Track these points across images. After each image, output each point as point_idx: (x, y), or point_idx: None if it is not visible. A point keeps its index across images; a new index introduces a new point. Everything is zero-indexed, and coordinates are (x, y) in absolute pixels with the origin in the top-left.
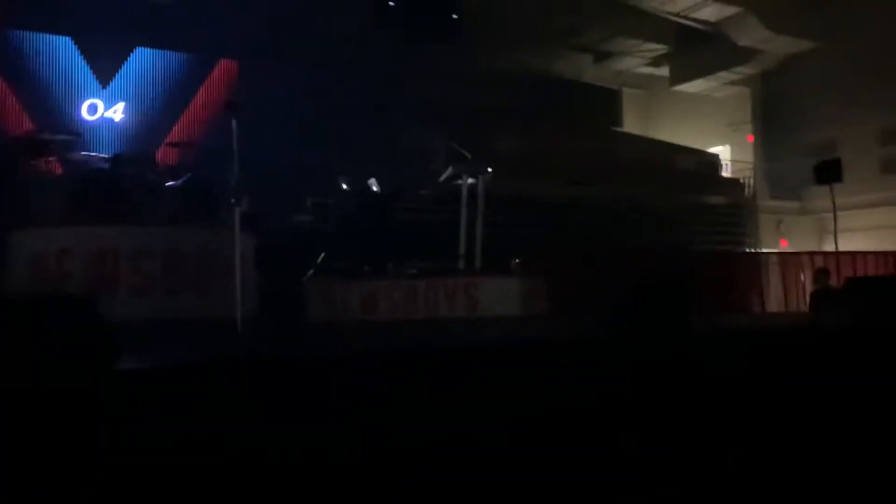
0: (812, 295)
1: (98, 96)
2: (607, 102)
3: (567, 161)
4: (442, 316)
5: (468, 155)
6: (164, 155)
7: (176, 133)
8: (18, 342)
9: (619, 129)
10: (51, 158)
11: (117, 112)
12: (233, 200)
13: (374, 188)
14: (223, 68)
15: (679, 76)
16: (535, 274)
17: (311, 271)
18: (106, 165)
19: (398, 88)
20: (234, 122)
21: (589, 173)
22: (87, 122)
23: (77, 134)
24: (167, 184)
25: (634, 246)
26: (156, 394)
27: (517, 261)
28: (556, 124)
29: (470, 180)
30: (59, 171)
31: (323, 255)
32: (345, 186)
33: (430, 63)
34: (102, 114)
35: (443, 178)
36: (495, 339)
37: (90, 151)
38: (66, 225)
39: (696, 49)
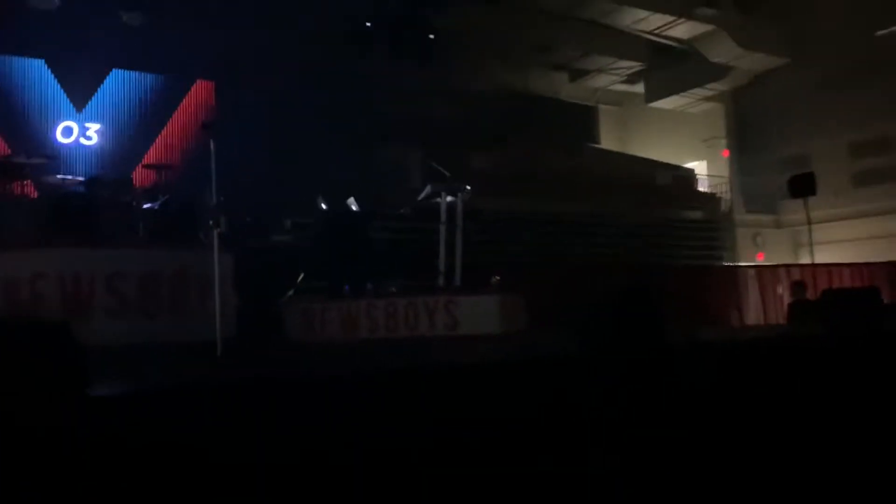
0: (789, 307)
1: (73, 119)
2: (583, 119)
3: (545, 177)
4: (423, 334)
5: (446, 173)
6: (140, 177)
7: (152, 155)
8: None
9: (595, 146)
10: (25, 182)
11: (93, 135)
12: (211, 222)
13: (354, 207)
14: (200, 89)
15: (654, 93)
16: (514, 290)
17: (290, 292)
18: (81, 188)
19: (376, 108)
20: (211, 143)
21: (566, 189)
22: (62, 144)
23: (52, 157)
24: (144, 206)
25: (613, 261)
26: (134, 420)
27: (496, 277)
28: (534, 141)
29: (448, 198)
30: (33, 194)
31: (302, 275)
32: (323, 206)
33: (408, 82)
34: (77, 137)
35: (422, 196)
36: (475, 357)
37: (65, 174)
38: (40, 248)
39: (670, 66)
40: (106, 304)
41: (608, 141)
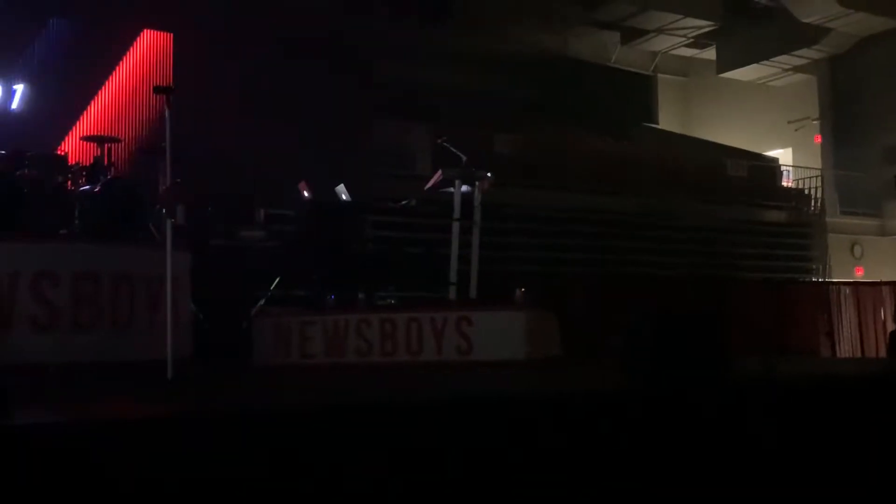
0: (891, 336)
1: None
2: (638, 91)
3: (587, 165)
4: (427, 360)
5: (462, 156)
6: (76, 152)
7: (92, 125)
8: None
9: (652, 126)
10: None
11: (16, 99)
12: (164, 210)
13: (344, 197)
14: (154, 42)
15: (728, 60)
16: (544, 306)
17: (261, 301)
18: (3, 165)
19: (375, 75)
20: (166, 112)
21: (614, 180)
22: None
23: None
24: (80, 189)
25: (670, 272)
26: (59, 457)
27: (522, 289)
28: (574, 119)
29: (464, 188)
30: None
31: (277, 280)
32: (306, 194)
33: (415, 44)
34: None
35: (430, 185)
36: (493, 390)
37: None
38: None
39: (750, 27)
40: (29, 312)
41: (668, 120)
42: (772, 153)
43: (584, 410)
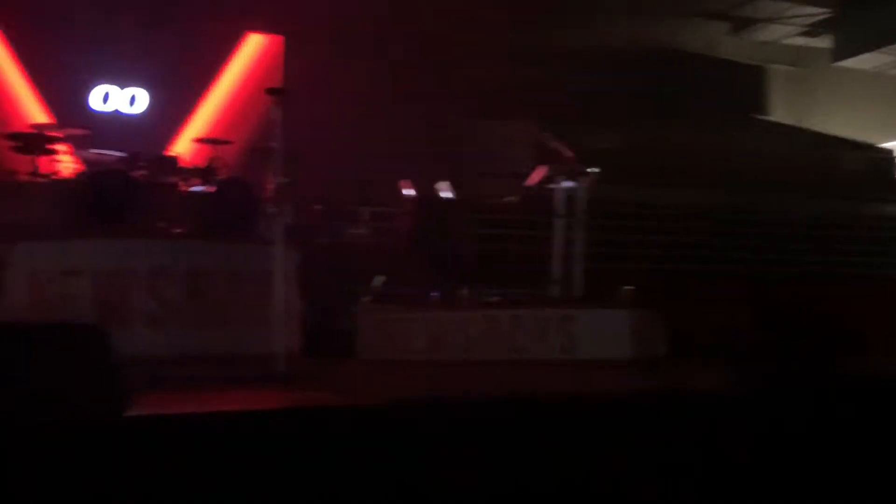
0: None
1: (110, 81)
2: (748, 83)
3: (694, 160)
4: (531, 357)
5: (566, 152)
6: (189, 154)
7: (203, 127)
8: (16, 374)
9: (763, 118)
10: (57, 158)
11: (132, 101)
12: (274, 210)
13: (446, 194)
14: (267, 46)
15: (845, 48)
16: (650, 305)
17: (366, 298)
18: (121, 166)
19: (475, 73)
20: (277, 114)
21: (723, 175)
22: (97, 113)
23: (86, 128)
24: (193, 189)
25: (781, 270)
26: (175, 446)
27: (628, 288)
28: (681, 112)
29: (567, 184)
30: (61, 173)
31: (382, 277)
32: (407, 192)
33: (517, 40)
34: (115, 103)
35: (532, 181)
36: (598, 388)
37: (101, 149)
38: (72, 238)
39: (869, 13)
40: (145, 308)
41: (780, 111)
42: (888, 145)
43: (693, 412)
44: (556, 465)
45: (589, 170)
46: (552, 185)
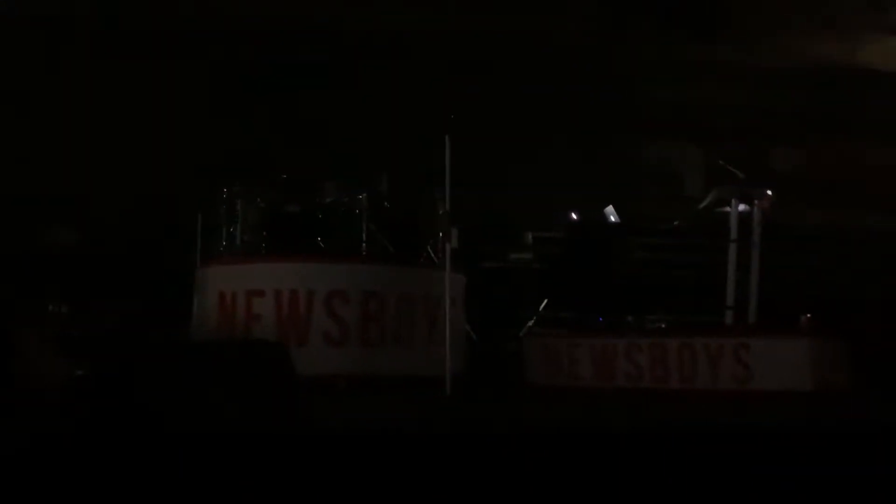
0: None
1: None
2: None
3: (879, 181)
4: (702, 387)
5: (740, 174)
6: None
7: None
8: (207, 387)
9: None
10: None
11: None
12: (441, 234)
13: (613, 218)
14: None
15: None
16: (833, 335)
17: (531, 322)
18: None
19: (642, 93)
20: (446, 138)
21: None
22: None
23: None
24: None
25: None
26: (353, 463)
27: (808, 315)
28: (863, 132)
29: (741, 207)
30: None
31: (546, 301)
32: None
33: (684, 59)
34: None
35: (704, 203)
36: (776, 421)
37: None
38: (255, 261)
39: None
40: (323, 328)
41: None
42: None
43: (884, 448)
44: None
45: (765, 192)
46: (725, 209)
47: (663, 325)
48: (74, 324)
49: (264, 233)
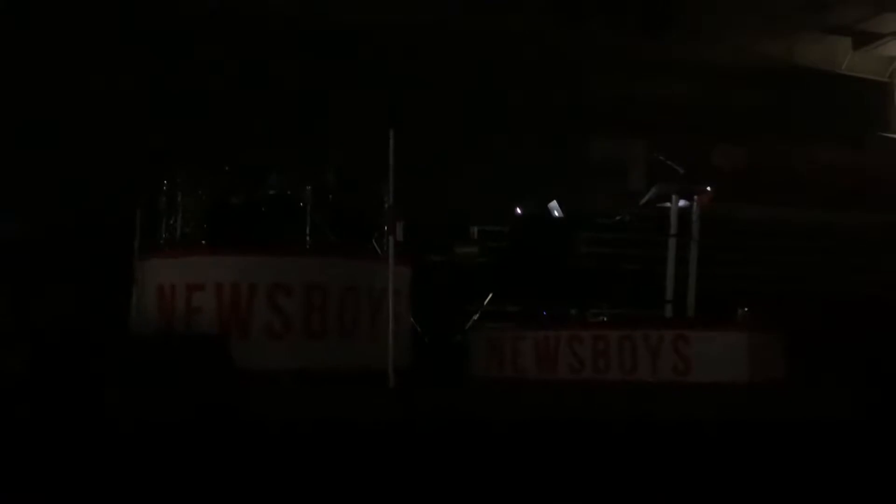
0: None
1: None
2: (873, 100)
3: (815, 177)
4: (642, 379)
5: (679, 169)
6: None
7: None
8: (145, 379)
9: (889, 135)
10: None
11: None
12: (386, 227)
13: (556, 213)
14: None
15: None
16: (768, 328)
17: (475, 315)
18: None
19: (585, 89)
20: (390, 133)
21: (845, 194)
22: None
23: None
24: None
25: None
26: (283, 448)
27: (745, 309)
28: (801, 129)
29: (681, 202)
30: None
31: (490, 295)
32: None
33: (631, 56)
34: None
35: (645, 199)
36: (713, 412)
37: None
38: (195, 254)
39: None
40: (265, 320)
41: None
42: None
43: (814, 438)
44: (667, 491)
45: (704, 188)
46: (666, 204)
47: (605, 318)
48: (11, 316)
49: (205, 225)
